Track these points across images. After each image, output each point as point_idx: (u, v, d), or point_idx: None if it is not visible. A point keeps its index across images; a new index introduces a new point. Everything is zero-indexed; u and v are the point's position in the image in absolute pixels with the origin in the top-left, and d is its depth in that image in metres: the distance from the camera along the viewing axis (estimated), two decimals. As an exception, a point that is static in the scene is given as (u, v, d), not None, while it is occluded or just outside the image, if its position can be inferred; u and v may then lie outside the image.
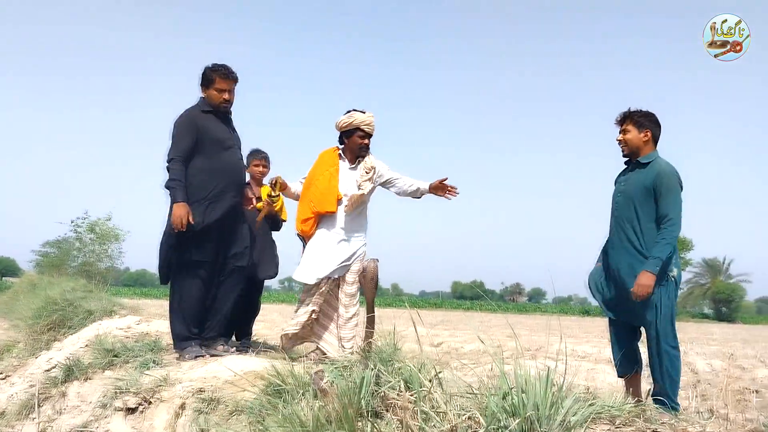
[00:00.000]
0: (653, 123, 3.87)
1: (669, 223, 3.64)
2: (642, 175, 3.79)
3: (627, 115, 3.90)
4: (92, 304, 7.02)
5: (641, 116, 3.86)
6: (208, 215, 4.24)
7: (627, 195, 3.83)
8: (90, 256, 25.18)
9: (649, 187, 3.71)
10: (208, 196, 4.24)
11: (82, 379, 4.67)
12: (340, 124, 4.52)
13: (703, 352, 12.31)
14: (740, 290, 63.08)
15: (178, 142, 4.25)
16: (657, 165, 3.77)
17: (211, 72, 4.35)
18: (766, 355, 12.09)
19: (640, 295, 3.56)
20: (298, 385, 2.86)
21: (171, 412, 3.58)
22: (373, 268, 3.92)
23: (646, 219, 3.73)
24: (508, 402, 2.08)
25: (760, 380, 7.76)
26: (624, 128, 3.91)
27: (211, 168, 4.29)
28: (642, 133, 3.83)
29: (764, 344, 16.79)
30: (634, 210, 3.76)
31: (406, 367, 2.50)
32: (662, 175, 3.69)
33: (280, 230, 5.54)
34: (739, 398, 6.00)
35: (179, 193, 4.13)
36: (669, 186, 3.67)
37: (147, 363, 4.26)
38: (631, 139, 3.87)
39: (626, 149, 3.92)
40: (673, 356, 3.65)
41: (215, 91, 4.36)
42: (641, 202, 3.74)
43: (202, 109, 4.40)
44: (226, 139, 4.40)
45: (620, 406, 2.51)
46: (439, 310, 49.79)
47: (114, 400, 3.93)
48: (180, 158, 4.21)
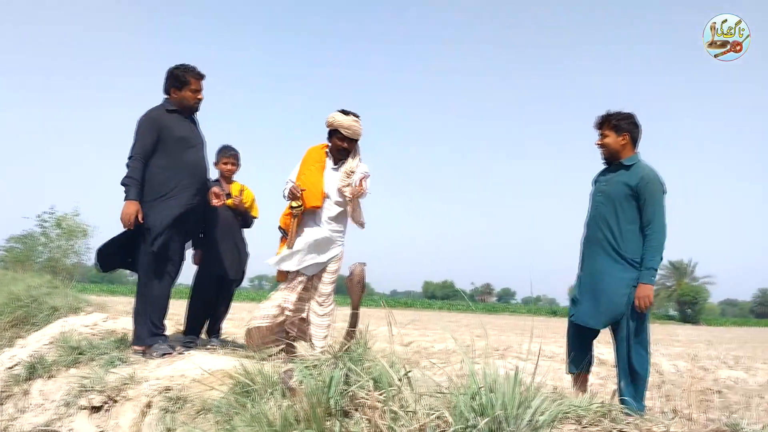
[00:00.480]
0: (632, 125, 3.89)
1: (654, 230, 3.70)
2: (625, 177, 3.81)
3: (605, 119, 3.92)
4: (57, 300, 6.90)
5: (619, 119, 3.88)
6: (170, 212, 4.25)
7: (608, 195, 3.85)
8: (56, 252, 24.76)
9: (633, 190, 3.74)
10: (169, 194, 4.27)
11: (46, 377, 4.58)
12: (326, 122, 4.50)
13: (668, 353, 12.51)
14: (704, 292, 64.34)
15: (140, 141, 4.29)
16: (640, 169, 3.80)
17: (185, 73, 4.41)
18: (729, 356, 12.34)
19: (643, 307, 3.63)
20: (266, 384, 2.84)
21: (137, 410, 3.53)
22: (360, 271, 3.91)
23: (626, 220, 3.77)
24: (477, 401, 2.08)
25: (722, 381, 7.91)
26: (602, 132, 3.92)
27: (174, 166, 4.32)
28: (620, 136, 3.86)
29: (727, 346, 17.15)
30: (615, 210, 3.79)
31: (376, 366, 2.50)
32: (647, 180, 3.73)
33: (251, 227, 5.51)
34: (702, 399, 6.10)
35: (132, 191, 4.17)
36: (653, 192, 3.72)
37: (113, 361, 4.20)
38: (609, 143, 3.89)
39: (605, 153, 3.95)
40: (644, 358, 3.70)
41: (190, 92, 4.44)
42: (622, 204, 3.78)
43: (167, 109, 4.44)
44: (189, 137, 4.44)
45: (587, 406, 2.53)
46: (410, 309, 49.93)
47: (78, 398, 3.86)
48: (140, 156, 4.24)
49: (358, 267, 3.86)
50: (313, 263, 4.39)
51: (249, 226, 5.48)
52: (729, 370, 9.14)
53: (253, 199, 5.45)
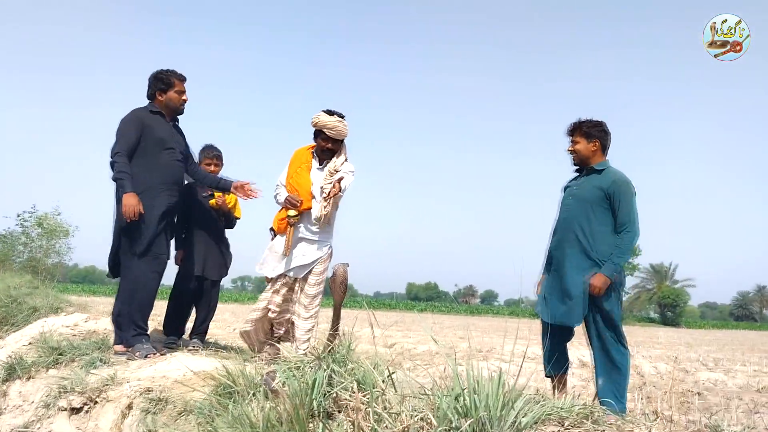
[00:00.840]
0: (602, 133, 4.00)
1: (627, 231, 3.78)
2: (597, 180, 3.91)
3: (576, 127, 4.03)
4: (37, 300, 6.84)
5: (590, 127, 4.00)
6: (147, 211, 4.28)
7: (580, 198, 3.92)
8: (37, 252, 24.50)
9: (606, 193, 3.83)
10: (145, 192, 4.31)
11: (25, 378, 4.53)
12: (311, 122, 4.49)
13: (649, 355, 12.62)
14: (685, 295, 64.96)
15: (124, 137, 4.36)
16: (611, 173, 3.91)
17: (169, 76, 4.54)
18: (709, 358, 12.46)
19: (595, 293, 3.70)
20: (249, 386, 2.83)
21: (117, 412, 3.50)
22: (343, 272, 3.90)
23: (598, 222, 3.84)
24: (461, 403, 2.08)
25: (702, 383, 7.99)
26: (574, 139, 4.05)
27: (148, 166, 4.38)
28: (591, 143, 3.99)
29: (707, 348, 17.32)
30: (587, 213, 3.86)
31: (360, 368, 2.49)
32: (619, 183, 3.83)
33: (234, 228, 5.48)
34: (682, 400, 6.16)
35: (128, 184, 4.21)
36: (626, 194, 3.82)
37: (94, 362, 4.16)
38: (580, 150, 4.02)
39: (576, 159, 4.07)
40: (624, 354, 3.75)
41: (176, 94, 4.56)
42: (595, 206, 3.85)
43: (151, 110, 4.54)
44: (167, 140, 4.51)
45: (569, 407, 2.54)
46: (393, 311, 49.94)
47: (58, 399, 3.82)
48: (125, 152, 4.31)
49: (341, 267, 3.87)
50: (297, 265, 4.39)
51: (232, 226, 5.46)
52: (709, 372, 9.22)
53: (236, 200, 5.42)
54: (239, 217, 5.48)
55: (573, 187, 4.06)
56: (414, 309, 56.77)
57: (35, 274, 10.54)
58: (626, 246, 3.78)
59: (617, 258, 3.75)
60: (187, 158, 4.79)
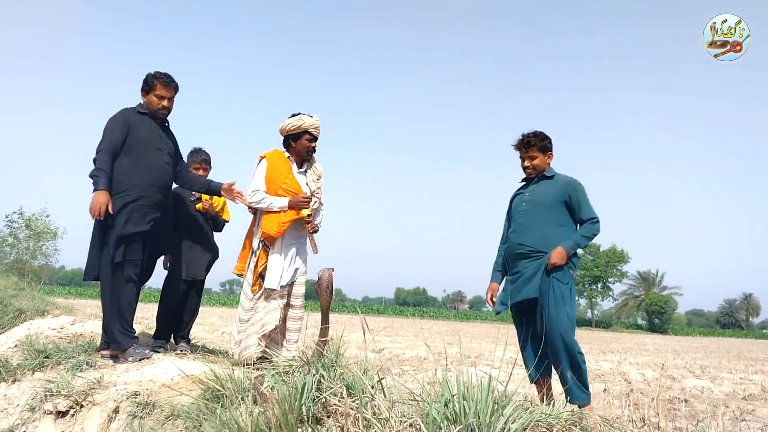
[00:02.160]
0: (551, 144, 4.16)
1: (594, 222, 3.99)
2: (550, 186, 4.07)
3: (530, 142, 4.12)
4: (24, 302, 6.79)
5: (543, 140, 4.13)
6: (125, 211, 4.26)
7: (537, 204, 4.04)
8: (23, 253, 24.35)
9: (562, 197, 4.00)
10: (125, 192, 4.28)
11: (10, 381, 4.49)
12: (288, 127, 4.44)
13: (636, 362, 12.66)
14: (672, 302, 65.38)
15: (108, 136, 4.34)
16: (562, 177, 4.11)
17: (153, 78, 4.50)
18: (695, 365, 12.52)
19: (555, 261, 3.84)
20: (237, 390, 2.81)
21: (104, 416, 3.47)
22: (329, 276, 3.89)
23: (556, 224, 3.99)
24: (450, 409, 2.08)
25: (689, 390, 8.02)
26: (529, 155, 4.13)
27: (135, 165, 4.36)
28: (547, 156, 4.15)
29: (693, 355, 17.40)
30: (543, 217, 3.99)
31: (349, 373, 2.49)
32: (573, 186, 4.03)
33: (222, 231, 5.47)
34: (669, 407, 6.18)
35: (101, 182, 4.19)
36: (582, 193, 4.02)
37: (80, 365, 4.13)
38: (538, 164, 4.13)
39: (533, 173, 4.18)
40: (576, 347, 3.81)
41: (155, 97, 4.51)
42: (552, 210, 4.00)
43: (138, 110, 4.52)
44: (154, 140, 4.50)
45: (558, 414, 2.54)
46: (381, 316, 49.90)
47: (43, 402, 3.79)
48: (108, 150, 4.29)
49: (326, 272, 3.85)
50: (296, 269, 4.43)
51: (220, 229, 5.45)
52: (696, 379, 9.26)
53: (224, 203, 5.41)
54: (228, 220, 5.47)
55: (525, 194, 4.16)
56: (402, 314, 56.81)
57: (21, 276, 10.46)
58: (591, 232, 3.97)
59: (580, 239, 3.94)
60: (177, 161, 4.76)
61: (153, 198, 4.41)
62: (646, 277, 69.23)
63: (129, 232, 4.27)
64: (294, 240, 4.44)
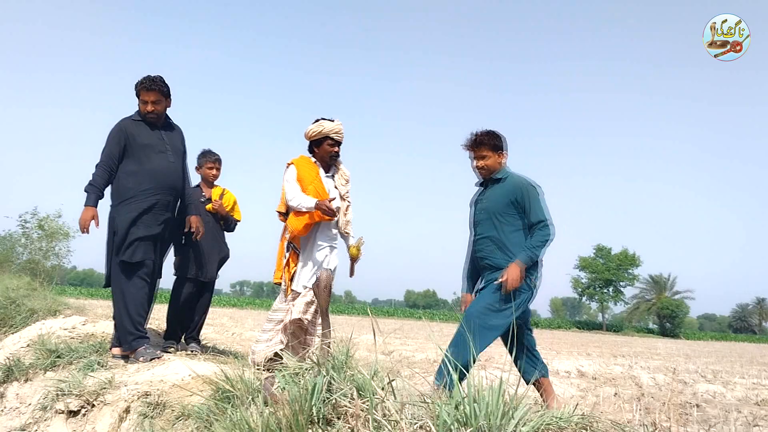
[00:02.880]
0: (504, 142, 4.02)
1: (543, 226, 3.80)
2: (500, 189, 3.94)
3: (482, 141, 3.97)
4: (36, 302, 6.83)
5: (495, 139, 3.98)
6: (130, 215, 4.34)
7: (488, 211, 3.93)
8: (36, 253, 24.50)
9: (512, 201, 3.86)
10: (132, 198, 4.37)
11: (22, 380, 4.53)
12: (309, 133, 4.45)
13: (647, 366, 12.59)
14: (684, 307, 64.91)
15: (107, 149, 4.47)
16: (513, 179, 3.95)
17: (137, 86, 4.54)
18: (707, 370, 12.43)
19: (510, 286, 3.67)
20: (247, 391, 2.82)
21: (115, 415, 3.49)
22: (327, 277, 3.90)
23: (510, 229, 3.87)
24: (460, 411, 2.08)
25: (701, 395, 7.96)
26: (480, 154, 3.98)
27: (140, 171, 4.44)
28: (498, 155, 3.99)
29: (705, 359, 17.28)
30: (495, 224, 3.89)
31: (359, 375, 2.48)
32: (522, 187, 3.87)
33: (234, 230, 5.49)
34: (681, 412, 6.14)
35: (91, 197, 4.35)
36: (532, 195, 3.85)
37: (91, 365, 4.16)
38: (491, 165, 3.98)
39: (485, 173, 4.03)
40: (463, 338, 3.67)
41: (141, 103, 4.56)
42: (504, 215, 3.88)
43: (133, 118, 4.59)
44: (156, 144, 4.55)
45: (568, 417, 2.53)
46: (391, 318, 49.88)
47: (55, 402, 3.82)
48: (104, 164, 4.42)
49: (325, 273, 3.85)
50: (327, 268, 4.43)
51: (232, 229, 5.47)
52: (708, 384, 9.19)
53: (235, 202, 5.44)
54: (239, 219, 5.49)
55: (483, 201, 4.04)
56: (412, 316, 56.74)
57: (34, 276, 10.50)
58: (541, 239, 3.78)
59: (532, 250, 3.75)
60: (183, 160, 4.81)
61: (163, 200, 4.48)
62: (657, 281, 68.76)
63: (140, 235, 4.33)
64: (325, 242, 4.41)
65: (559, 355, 14.13)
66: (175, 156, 4.64)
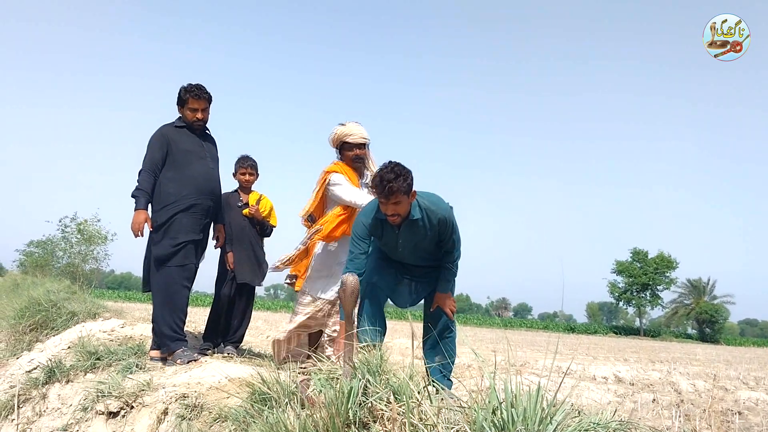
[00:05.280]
0: (412, 178, 3.50)
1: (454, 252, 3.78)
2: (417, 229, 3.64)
3: (392, 190, 3.39)
4: (76, 305, 6.96)
5: (404, 182, 3.41)
6: (177, 220, 4.42)
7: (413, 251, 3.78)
8: (75, 257, 25.01)
9: (434, 236, 3.68)
10: (174, 203, 4.44)
11: (64, 382, 4.61)
12: (330, 142, 4.51)
13: (686, 372, 12.34)
14: (724, 311, 63.51)
15: (149, 154, 4.52)
16: (429, 215, 3.61)
17: (185, 92, 4.60)
18: (749, 376, 12.14)
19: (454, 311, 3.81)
20: (284, 393, 2.83)
21: (153, 417, 3.53)
22: (353, 281, 3.84)
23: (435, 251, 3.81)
24: (498, 417, 2.06)
25: (743, 402, 7.77)
26: (394, 202, 3.44)
27: (181, 177, 4.50)
28: (410, 196, 3.51)
29: (747, 366, 16.88)
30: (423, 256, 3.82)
31: (395, 379, 2.48)
32: (443, 223, 3.62)
33: (270, 235, 5.54)
34: (722, 419, 6.00)
35: (141, 201, 4.39)
36: (453, 227, 3.68)
37: (130, 367, 4.22)
38: (405, 209, 3.53)
39: (399, 219, 3.56)
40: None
41: (189, 111, 4.62)
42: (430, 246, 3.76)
43: (176, 125, 4.66)
44: (196, 151, 4.63)
45: (606, 423, 2.50)
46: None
47: (95, 403, 3.88)
48: (148, 169, 4.47)
49: (351, 277, 3.79)
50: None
51: (268, 234, 5.52)
52: (750, 391, 8.96)
53: (272, 208, 5.48)
54: (275, 225, 5.53)
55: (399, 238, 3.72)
56: (446, 321, 56.40)
57: (73, 280, 10.71)
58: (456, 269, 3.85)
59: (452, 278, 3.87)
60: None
61: (203, 205, 4.55)
62: (696, 285, 67.42)
63: (181, 240, 4.40)
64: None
65: (596, 361, 13.93)
66: (213, 163, 4.73)
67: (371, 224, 3.67)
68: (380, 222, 3.66)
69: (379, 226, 3.69)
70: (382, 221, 3.65)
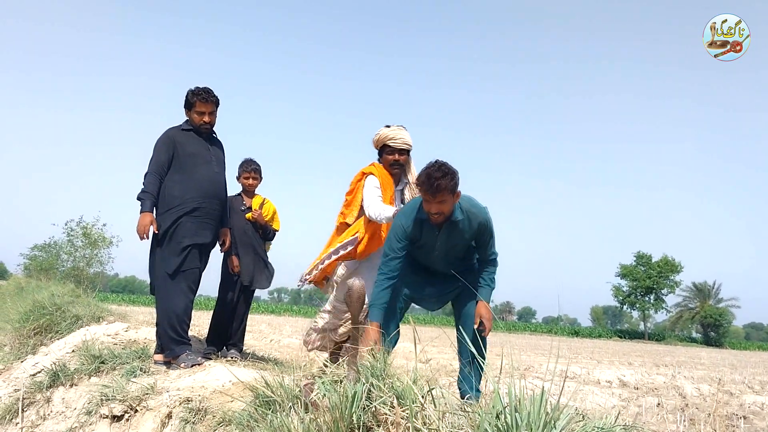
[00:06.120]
0: (458, 178, 3.46)
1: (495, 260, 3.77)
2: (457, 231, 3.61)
3: (439, 188, 3.34)
4: (80, 309, 6.98)
5: (451, 180, 3.37)
6: (182, 224, 4.42)
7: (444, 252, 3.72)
8: (80, 261, 25.08)
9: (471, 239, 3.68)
10: (179, 206, 4.43)
11: (68, 385, 4.62)
12: (373, 142, 4.36)
13: (691, 376, 12.30)
14: (729, 315, 63.28)
15: (155, 157, 4.52)
16: (470, 217, 3.58)
17: (192, 95, 4.60)
18: (755, 380, 12.09)
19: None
20: (287, 397, 2.83)
21: (157, 421, 3.54)
22: (360, 287, 3.82)
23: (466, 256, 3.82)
24: (501, 421, 2.05)
25: (747, 406, 7.75)
26: (439, 200, 3.39)
27: (187, 180, 4.50)
28: (455, 196, 3.46)
29: (752, 370, 16.81)
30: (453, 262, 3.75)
31: (398, 383, 2.48)
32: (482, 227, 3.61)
33: (273, 240, 5.54)
34: (727, 424, 5.98)
35: (146, 204, 4.39)
36: (491, 231, 3.66)
37: (134, 370, 4.23)
38: (449, 208, 3.48)
39: (442, 218, 3.52)
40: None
41: (196, 114, 4.62)
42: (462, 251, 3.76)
43: (182, 128, 4.66)
44: (203, 154, 4.63)
45: (610, 428, 2.49)
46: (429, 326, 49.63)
47: (99, 407, 3.88)
48: (154, 172, 4.47)
49: (357, 282, 3.78)
50: None
51: (270, 238, 5.52)
52: (755, 395, 8.93)
53: (275, 212, 5.49)
54: (278, 229, 5.54)
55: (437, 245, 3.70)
56: (449, 324, 56.44)
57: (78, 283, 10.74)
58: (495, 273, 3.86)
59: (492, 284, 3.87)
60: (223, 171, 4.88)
61: (208, 209, 4.54)
62: (701, 289, 67.17)
63: (186, 244, 4.40)
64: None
65: (600, 365, 13.91)
66: (219, 166, 4.73)
67: (411, 225, 3.59)
68: (420, 223, 3.59)
69: (419, 228, 3.61)
70: (422, 222, 3.58)
